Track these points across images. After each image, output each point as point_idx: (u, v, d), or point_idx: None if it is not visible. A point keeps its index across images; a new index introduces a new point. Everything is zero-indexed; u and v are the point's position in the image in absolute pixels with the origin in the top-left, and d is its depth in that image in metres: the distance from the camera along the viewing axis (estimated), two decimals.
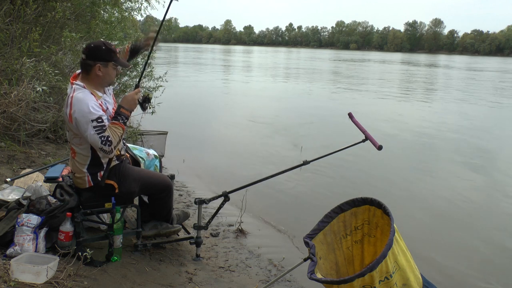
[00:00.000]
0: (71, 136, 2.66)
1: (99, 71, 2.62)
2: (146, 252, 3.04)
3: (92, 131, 2.49)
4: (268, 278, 3.16)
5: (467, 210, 5.07)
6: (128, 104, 2.68)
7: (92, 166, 2.68)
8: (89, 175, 2.69)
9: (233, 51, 76.68)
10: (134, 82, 7.41)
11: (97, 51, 2.62)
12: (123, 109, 2.66)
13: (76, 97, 2.53)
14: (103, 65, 2.62)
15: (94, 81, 2.65)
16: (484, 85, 22.90)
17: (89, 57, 2.61)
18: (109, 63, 2.64)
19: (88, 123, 2.49)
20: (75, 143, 2.66)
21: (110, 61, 2.65)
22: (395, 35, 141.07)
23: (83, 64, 2.64)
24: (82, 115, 2.49)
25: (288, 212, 4.71)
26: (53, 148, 5.11)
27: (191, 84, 17.41)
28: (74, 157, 2.69)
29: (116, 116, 2.64)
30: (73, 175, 2.76)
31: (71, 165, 2.76)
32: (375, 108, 12.76)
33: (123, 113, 2.65)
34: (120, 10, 7.51)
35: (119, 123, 2.61)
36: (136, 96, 2.73)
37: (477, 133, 9.61)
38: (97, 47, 2.63)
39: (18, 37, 5.27)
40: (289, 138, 8.21)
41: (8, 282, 2.16)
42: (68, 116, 2.55)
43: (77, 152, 2.67)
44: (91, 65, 2.61)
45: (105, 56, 2.62)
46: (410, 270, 2.21)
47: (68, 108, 2.55)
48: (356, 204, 2.52)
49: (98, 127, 2.50)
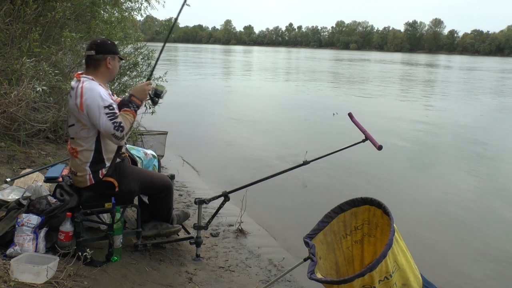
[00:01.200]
0: (78, 129, 2.64)
1: (109, 64, 2.72)
2: (146, 252, 3.04)
3: (104, 117, 2.53)
4: (268, 278, 3.16)
5: (467, 210, 5.07)
6: (138, 93, 2.75)
7: (94, 163, 2.68)
8: (91, 173, 2.68)
9: (233, 51, 76.70)
10: (134, 82, 7.42)
11: (105, 46, 2.73)
12: (134, 97, 2.73)
13: (86, 86, 2.59)
14: (111, 58, 2.73)
15: (103, 75, 2.73)
16: (484, 85, 22.90)
17: (98, 52, 2.70)
18: (116, 56, 2.77)
19: (101, 109, 2.54)
20: (81, 136, 2.64)
21: (117, 54, 2.78)
22: (395, 35, 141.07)
23: (92, 60, 2.71)
24: (94, 102, 2.54)
25: (288, 212, 4.71)
26: (53, 148, 5.11)
27: (191, 84, 17.41)
28: (77, 156, 2.68)
29: (128, 103, 2.70)
30: (74, 176, 2.75)
31: (72, 165, 2.75)
32: (375, 108, 12.76)
33: (134, 101, 2.72)
34: (120, 10, 7.51)
35: (131, 110, 2.68)
36: (146, 87, 2.79)
37: (478, 133, 9.60)
38: (103, 42, 2.76)
39: (18, 37, 5.27)
40: (290, 138, 8.21)
41: (8, 282, 2.16)
42: (79, 105, 2.56)
43: (79, 150, 2.66)
44: (101, 59, 2.70)
45: (113, 49, 2.76)
46: (410, 270, 2.21)
47: (78, 98, 2.57)
48: (356, 204, 2.52)
49: (110, 113, 2.55)
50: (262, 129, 9.16)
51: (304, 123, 10.08)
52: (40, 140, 5.16)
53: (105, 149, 2.69)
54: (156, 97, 2.87)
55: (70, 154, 2.75)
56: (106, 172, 2.71)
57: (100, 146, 2.67)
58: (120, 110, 2.67)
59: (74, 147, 2.69)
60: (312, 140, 8.20)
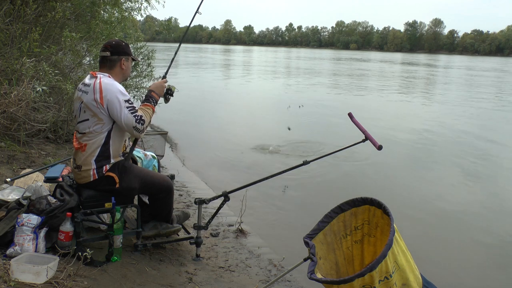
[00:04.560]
0: (92, 123, 2.66)
1: (123, 65, 2.83)
2: (146, 252, 3.04)
3: (125, 110, 2.62)
4: (268, 278, 3.16)
5: (468, 210, 5.07)
6: (157, 89, 2.90)
7: (100, 158, 2.70)
8: (95, 168, 2.70)
9: (233, 51, 76.71)
10: (134, 82, 7.43)
11: (120, 47, 2.83)
12: (154, 93, 2.87)
13: (105, 82, 2.68)
14: (126, 59, 2.84)
15: (117, 75, 2.82)
16: (484, 85, 22.90)
17: (113, 53, 2.79)
18: (129, 57, 2.87)
19: (122, 103, 2.63)
20: (94, 130, 2.66)
21: (130, 55, 2.88)
22: (395, 35, 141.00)
23: (107, 60, 2.80)
24: (115, 96, 2.63)
25: (288, 212, 4.71)
26: (53, 148, 5.11)
27: (191, 84, 17.40)
28: (84, 150, 2.69)
29: (148, 98, 2.84)
30: (77, 171, 2.74)
31: (77, 159, 2.74)
32: (375, 108, 12.76)
33: (154, 96, 2.86)
34: (120, 10, 7.50)
35: (150, 105, 2.81)
36: (164, 84, 2.95)
37: (478, 133, 9.60)
38: (118, 43, 2.86)
39: (18, 37, 5.27)
40: (290, 138, 8.20)
41: (8, 282, 2.16)
42: (99, 99, 2.62)
43: (89, 143, 2.68)
44: (116, 60, 2.80)
45: (127, 51, 2.87)
46: (410, 270, 2.21)
47: (97, 93, 2.63)
48: (356, 204, 2.52)
49: (131, 107, 2.65)
50: (262, 128, 9.16)
51: (305, 122, 10.06)
52: (40, 140, 5.17)
53: (113, 145, 2.73)
54: (168, 95, 3.01)
55: (76, 149, 2.76)
56: (109, 168, 2.73)
57: (109, 142, 2.71)
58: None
59: (83, 142, 2.70)
60: (312, 140, 8.19)
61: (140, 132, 2.68)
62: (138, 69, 7.26)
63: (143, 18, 10.05)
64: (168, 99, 3.04)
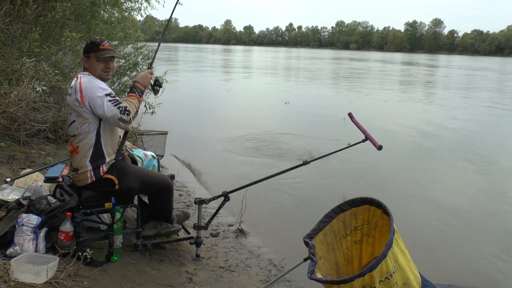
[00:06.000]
0: (79, 124, 2.66)
1: (85, 63, 2.79)
2: (146, 252, 3.04)
3: (108, 104, 2.60)
4: (268, 278, 3.16)
5: (468, 210, 5.07)
6: (141, 79, 2.85)
7: (94, 158, 2.70)
8: (92, 170, 2.70)
9: (233, 50, 76.69)
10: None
11: (85, 46, 2.83)
12: (138, 83, 2.83)
13: (84, 80, 2.67)
14: (86, 57, 2.78)
15: (93, 73, 2.77)
16: (484, 85, 22.90)
17: (83, 53, 2.82)
18: (90, 55, 2.76)
19: (103, 98, 2.61)
20: (82, 131, 2.66)
21: (91, 53, 2.76)
22: (395, 35, 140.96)
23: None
24: (95, 93, 2.61)
25: (288, 212, 4.71)
26: (53, 148, 5.11)
27: (191, 84, 17.41)
28: (77, 152, 2.70)
29: (132, 89, 2.80)
30: (75, 173, 2.75)
31: (73, 162, 2.75)
32: (375, 108, 12.76)
33: (138, 86, 2.81)
34: (120, 10, 7.52)
35: (135, 95, 2.77)
36: (149, 75, 2.90)
37: (478, 133, 9.60)
38: (86, 43, 2.86)
39: (18, 37, 5.27)
40: (290, 138, 8.20)
41: (8, 282, 2.16)
42: (80, 99, 2.61)
43: (80, 145, 2.68)
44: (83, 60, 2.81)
45: (89, 49, 2.78)
46: (409, 269, 2.21)
47: (78, 92, 2.63)
48: (356, 204, 2.52)
49: (113, 100, 2.62)
50: (262, 128, 9.15)
51: (305, 122, 10.06)
52: (40, 140, 5.16)
53: (105, 143, 2.72)
54: (156, 86, 2.97)
55: (70, 152, 2.76)
56: (107, 170, 2.72)
57: (100, 140, 2.70)
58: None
59: (75, 144, 2.70)
60: (313, 139, 8.18)
61: (127, 123, 2.65)
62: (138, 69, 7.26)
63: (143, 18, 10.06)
64: (157, 91, 2.99)
